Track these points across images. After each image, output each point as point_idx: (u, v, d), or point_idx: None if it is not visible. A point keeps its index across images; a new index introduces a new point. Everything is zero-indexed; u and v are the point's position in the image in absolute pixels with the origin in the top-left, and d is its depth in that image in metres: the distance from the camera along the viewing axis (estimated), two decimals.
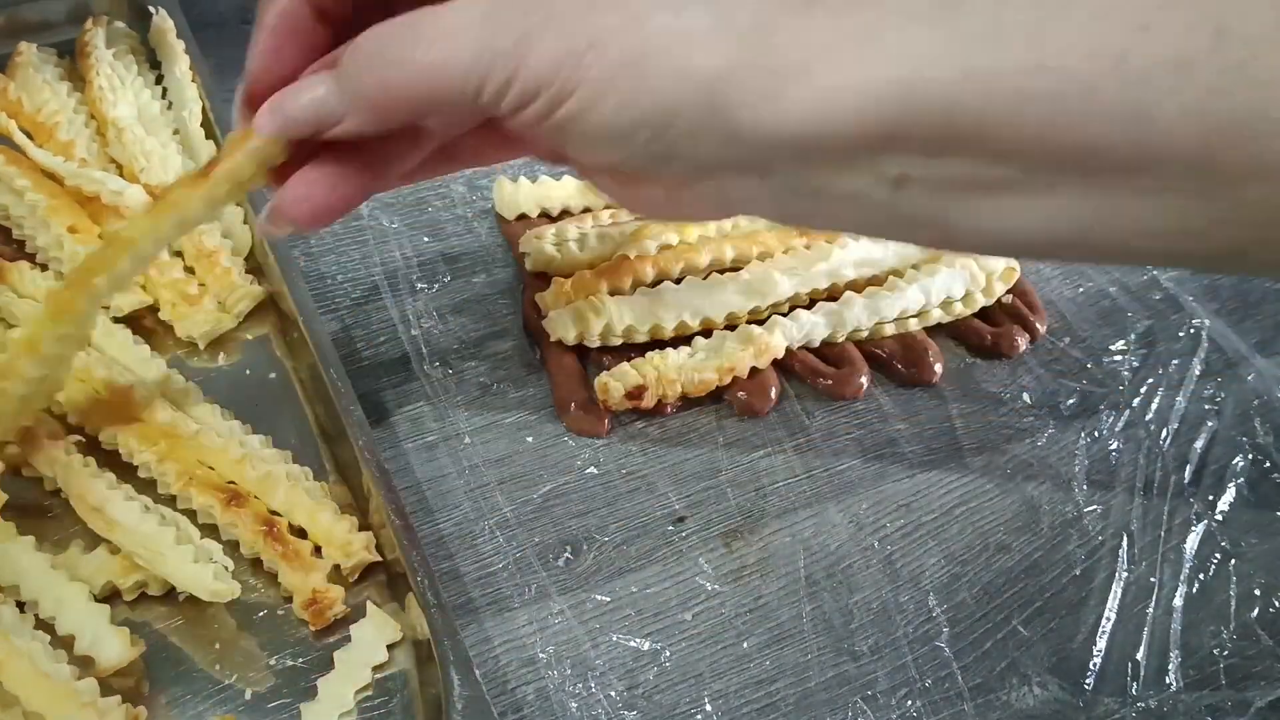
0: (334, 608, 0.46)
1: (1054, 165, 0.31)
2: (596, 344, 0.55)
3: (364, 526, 0.48)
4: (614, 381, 0.53)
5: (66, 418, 0.50)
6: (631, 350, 0.56)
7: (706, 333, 0.56)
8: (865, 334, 0.57)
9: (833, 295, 0.58)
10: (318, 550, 0.47)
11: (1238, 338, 0.60)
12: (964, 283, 0.58)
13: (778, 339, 0.55)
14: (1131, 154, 0.30)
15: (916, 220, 0.34)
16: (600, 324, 0.55)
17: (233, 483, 0.48)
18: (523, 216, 0.61)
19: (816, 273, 0.57)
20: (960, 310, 0.58)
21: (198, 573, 0.45)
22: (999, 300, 0.59)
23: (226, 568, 0.46)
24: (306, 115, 0.37)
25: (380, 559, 0.48)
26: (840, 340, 0.57)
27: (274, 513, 0.47)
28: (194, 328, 0.54)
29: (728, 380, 0.54)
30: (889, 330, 0.57)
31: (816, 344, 0.57)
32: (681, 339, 0.56)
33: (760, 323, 0.56)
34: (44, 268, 0.55)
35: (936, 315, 0.58)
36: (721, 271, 0.57)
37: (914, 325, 0.57)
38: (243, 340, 0.55)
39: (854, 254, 0.58)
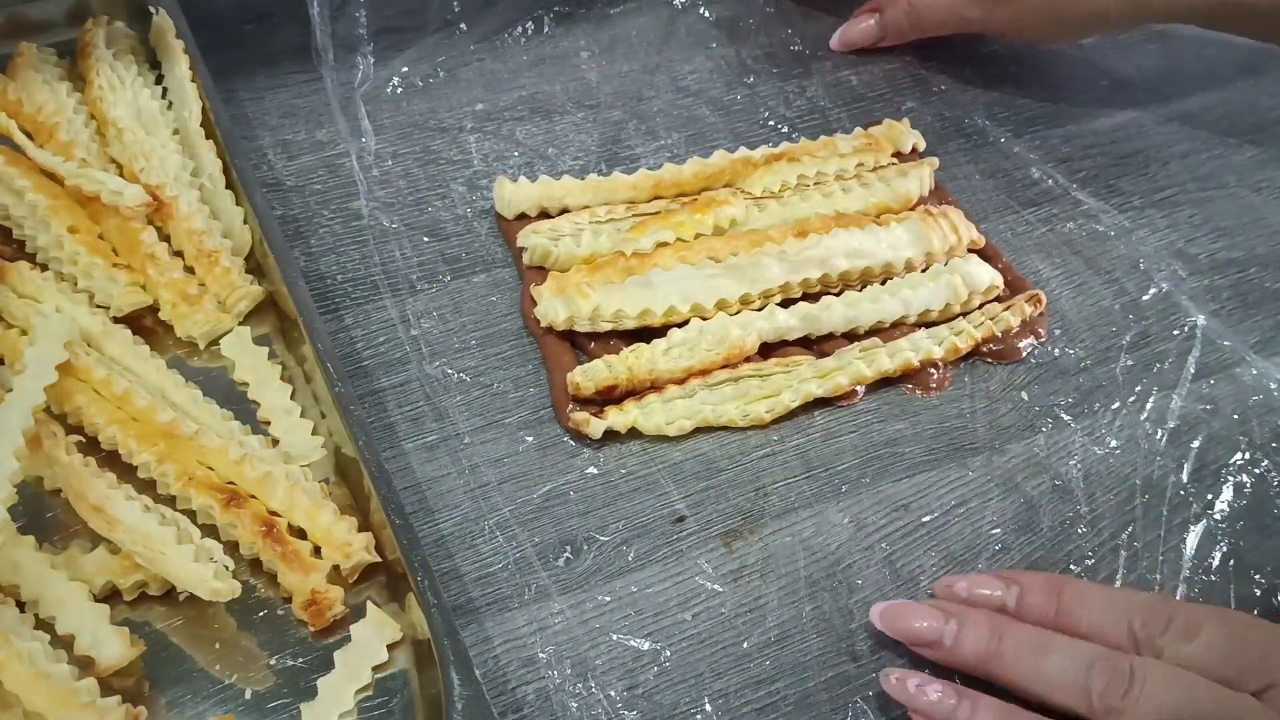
0: (333, 608, 0.46)
1: None
2: (586, 328, 0.56)
3: (364, 527, 0.48)
4: (585, 380, 0.53)
5: (66, 418, 0.50)
6: (623, 338, 0.56)
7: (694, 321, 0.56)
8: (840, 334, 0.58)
9: (825, 285, 0.58)
10: (317, 551, 0.47)
11: (1236, 338, 0.60)
12: (946, 297, 0.58)
13: (752, 339, 0.55)
14: None
15: None
16: (589, 307, 0.55)
17: (232, 483, 0.48)
18: (523, 216, 0.61)
19: (807, 260, 0.57)
20: (943, 339, 0.58)
21: (199, 571, 0.45)
22: (1007, 304, 0.59)
23: (227, 567, 0.46)
24: (865, 40, 0.74)
25: (380, 560, 0.48)
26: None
27: (273, 513, 0.47)
28: (194, 328, 0.54)
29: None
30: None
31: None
32: (672, 325, 0.56)
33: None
34: (44, 268, 0.55)
35: (946, 339, 0.58)
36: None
37: (937, 351, 0.57)
38: None
39: (846, 244, 0.58)
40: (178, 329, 0.54)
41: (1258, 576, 0.52)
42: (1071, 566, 0.51)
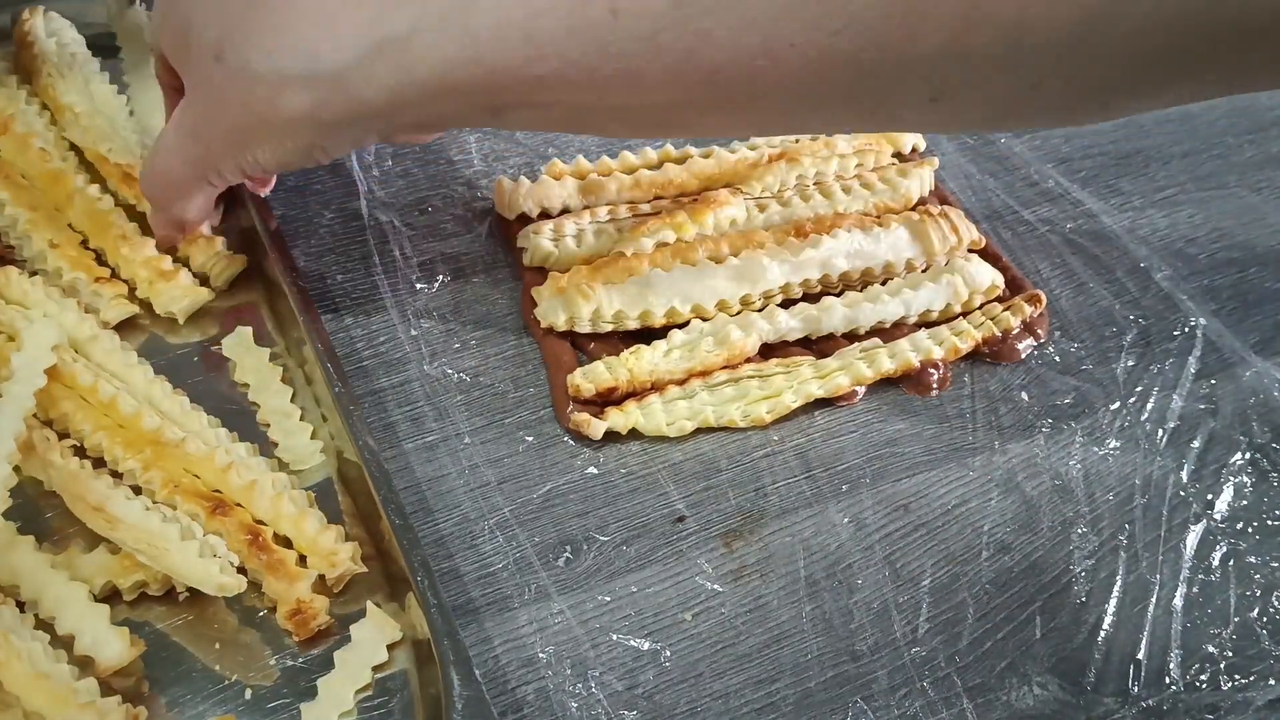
0: (317, 618, 0.45)
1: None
2: (587, 329, 0.56)
3: (365, 528, 0.48)
4: (585, 382, 0.53)
5: (52, 424, 0.50)
6: (623, 338, 0.56)
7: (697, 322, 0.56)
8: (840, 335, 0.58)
9: (825, 286, 0.58)
10: (303, 560, 0.47)
11: (1235, 338, 0.60)
12: (946, 297, 0.58)
13: (753, 340, 0.55)
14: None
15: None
16: (589, 309, 0.55)
17: (218, 491, 0.48)
18: (523, 216, 0.61)
19: (807, 260, 0.57)
20: (946, 337, 0.58)
21: (205, 567, 0.44)
22: (1007, 304, 0.59)
23: (231, 563, 0.46)
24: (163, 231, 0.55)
25: (365, 570, 0.47)
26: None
27: (260, 522, 0.47)
28: (172, 303, 0.54)
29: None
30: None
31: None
32: (673, 326, 0.56)
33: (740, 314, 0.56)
34: (33, 272, 0.54)
35: (947, 340, 0.58)
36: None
37: (937, 352, 0.57)
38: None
39: (846, 244, 0.58)
40: (156, 306, 0.54)
41: (1257, 576, 0.52)
42: (1071, 566, 0.51)
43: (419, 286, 0.59)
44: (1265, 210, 0.68)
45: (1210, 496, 0.54)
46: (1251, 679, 0.49)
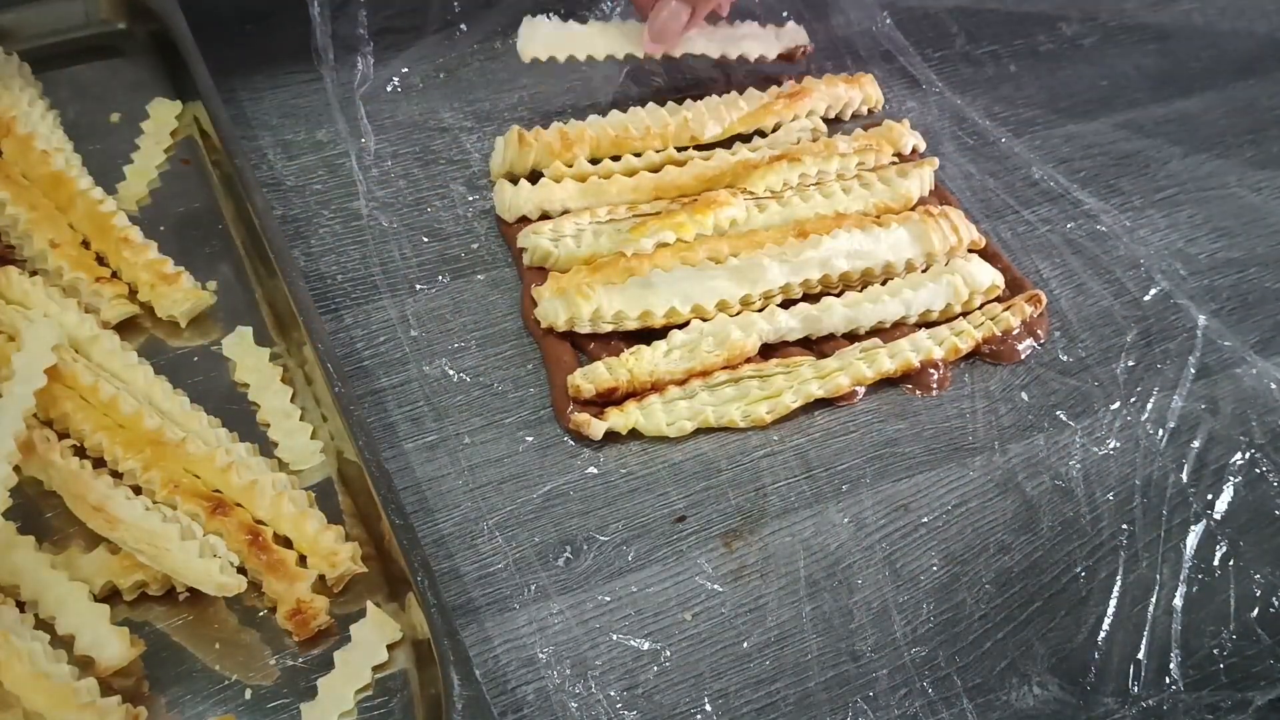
0: (317, 618, 0.45)
1: None
2: (587, 329, 0.56)
3: (368, 528, 0.48)
4: (585, 382, 0.53)
5: (52, 424, 0.50)
6: (623, 337, 0.56)
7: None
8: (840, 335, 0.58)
9: (826, 286, 0.58)
10: (303, 560, 0.47)
11: (1236, 338, 0.60)
12: (946, 297, 0.58)
13: (753, 340, 0.55)
14: None
15: None
16: (589, 309, 0.55)
17: (218, 491, 0.48)
18: (523, 218, 0.61)
19: (807, 261, 0.57)
20: (945, 336, 0.58)
21: (205, 567, 0.45)
22: (1007, 304, 0.59)
23: (231, 563, 0.46)
24: (678, 30, 0.65)
25: (365, 570, 0.47)
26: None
27: (260, 522, 0.47)
28: (174, 306, 0.54)
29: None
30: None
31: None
32: (673, 326, 0.56)
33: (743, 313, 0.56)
34: (34, 272, 0.54)
35: (947, 340, 0.58)
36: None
37: (937, 352, 0.57)
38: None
39: (846, 244, 0.58)
40: (158, 309, 0.54)
41: (1257, 576, 0.52)
42: (1072, 566, 0.51)
43: (419, 287, 0.59)
44: (1265, 210, 0.68)
45: (1210, 496, 0.54)
46: (1251, 678, 0.49)
